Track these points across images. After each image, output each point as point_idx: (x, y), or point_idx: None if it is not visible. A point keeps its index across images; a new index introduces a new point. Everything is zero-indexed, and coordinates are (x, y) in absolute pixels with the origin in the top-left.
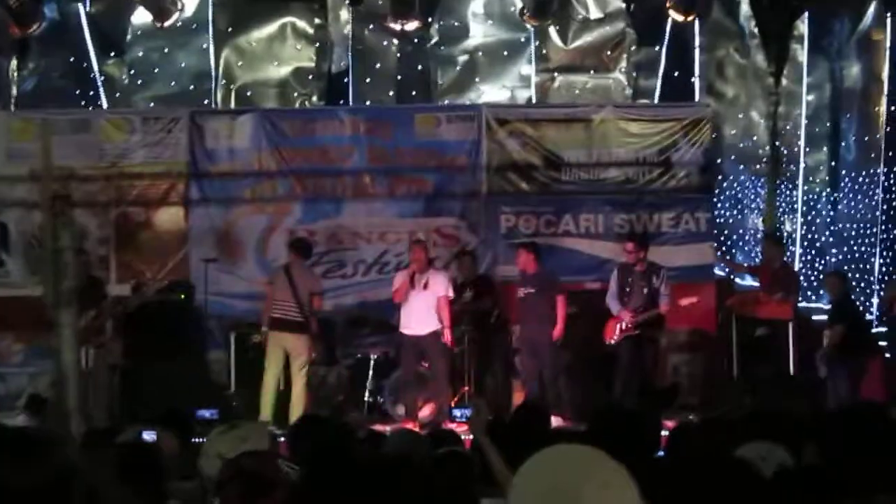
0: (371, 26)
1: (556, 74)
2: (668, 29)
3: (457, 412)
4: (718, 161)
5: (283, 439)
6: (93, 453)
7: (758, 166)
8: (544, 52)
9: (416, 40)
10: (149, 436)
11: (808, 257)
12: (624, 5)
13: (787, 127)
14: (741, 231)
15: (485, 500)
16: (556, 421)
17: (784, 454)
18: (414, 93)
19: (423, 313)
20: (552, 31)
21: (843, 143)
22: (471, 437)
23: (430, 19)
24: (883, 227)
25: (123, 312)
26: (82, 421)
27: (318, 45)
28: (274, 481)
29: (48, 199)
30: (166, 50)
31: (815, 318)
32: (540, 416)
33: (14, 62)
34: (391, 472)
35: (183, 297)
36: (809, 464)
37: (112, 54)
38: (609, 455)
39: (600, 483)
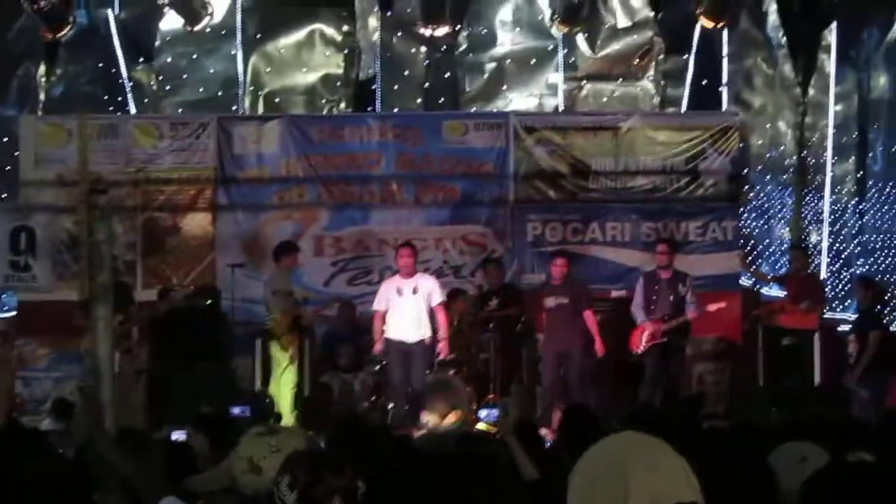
0: (399, 33)
1: (584, 82)
2: (696, 38)
3: (482, 412)
4: (745, 171)
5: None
6: (129, 448)
7: (784, 176)
8: (572, 60)
9: (444, 48)
10: (178, 435)
11: (835, 267)
12: (652, 14)
13: (815, 137)
14: (767, 241)
15: None
16: None
17: (825, 454)
18: (442, 100)
19: (411, 320)
20: (580, 39)
21: (870, 154)
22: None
23: (458, 27)
24: None
25: (150, 318)
26: (115, 417)
27: (346, 51)
28: (343, 466)
29: (85, 193)
30: (195, 56)
31: (840, 328)
32: (590, 418)
33: (43, 67)
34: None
35: (209, 302)
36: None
37: (141, 60)
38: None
39: (649, 465)
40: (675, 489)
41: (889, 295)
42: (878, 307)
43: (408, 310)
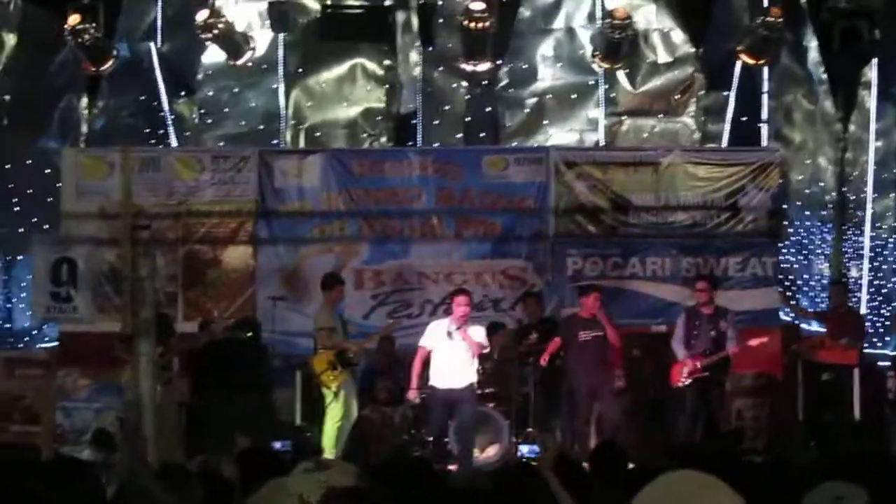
0: (441, 68)
1: (624, 118)
2: (736, 74)
3: (524, 448)
4: (785, 206)
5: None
6: (170, 483)
7: (824, 212)
8: (613, 95)
9: (484, 82)
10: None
11: (875, 303)
12: (693, 50)
13: (855, 173)
14: (807, 276)
15: None
16: None
17: (864, 494)
18: (482, 135)
19: (460, 366)
20: (621, 74)
21: None
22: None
23: (499, 62)
24: None
25: (190, 350)
26: (156, 450)
27: (387, 86)
28: None
29: (128, 227)
30: (236, 90)
31: (880, 363)
32: (619, 455)
33: (85, 100)
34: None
35: (250, 334)
36: None
37: (182, 93)
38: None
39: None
40: None
41: None
42: None
43: (457, 356)
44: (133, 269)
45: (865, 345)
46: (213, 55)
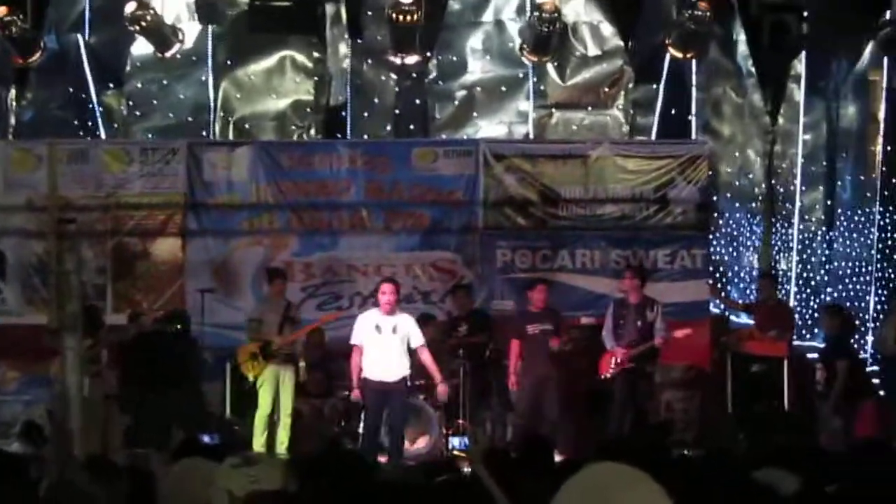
0: (370, 61)
1: (553, 111)
2: (665, 67)
3: (454, 441)
4: (714, 199)
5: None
6: (96, 475)
7: (754, 205)
8: (542, 88)
9: (414, 75)
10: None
11: (804, 296)
12: (622, 43)
13: (784, 166)
14: (736, 268)
15: None
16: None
17: (796, 481)
18: (412, 127)
19: (392, 359)
20: (550, 67)
21: (839, 183)
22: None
23: (428, 54)
24: (878, 267)
25: (119, 342)
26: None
27: (316, 78)
28: None
29: (54, 222)
30: (165, 82)
31: (809, 355)
32: (544, 448)
33: (13, 92)
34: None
35: (179, 327)
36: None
37: (111, 86)
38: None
39: (629, 487)
40: None
41: (858, 322)
42: (845, 335)
43: (388, 349)
44: (59, 262)
45: (794, 337)
46: (142, 47)
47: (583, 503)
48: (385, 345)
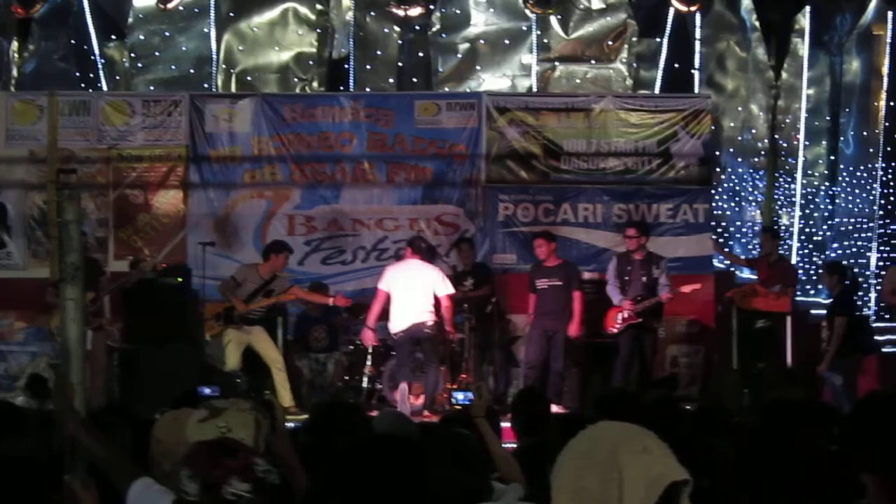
0: (372, 13)
1: (556, 64)
2: (669, 20)
3: (459, 395)
4: (717, 153)
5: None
6: (98, 430)
7: (756, 159)
8: (545, 41)
9: (417, 28)
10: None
11: (806, 251)
12: None
13: (787, 120)
14: (739, 223)
15: (496, 484)
16: (554, 409)
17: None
18: (415, 80)
19: (419, 310)
20: (554, 20)
21: (842, 138)
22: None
23: (431, 7)
24: (880, 223)
25: (121, 288)
26: (88, 396)
27: (319, 31)
28: (236, 448)
29: (54, 171)
30: (167, 34)
31: (813, 311)
32: (541, 401)
33: (15, 44)
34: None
35: (179, 280)
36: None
37: (113, 37)
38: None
39: (640, 448)
40: (668, 469)
41: (861, 278)
42: (846, 292)
43: (414, 301)
44: (59, 213)
45: (798, 293)
46: None
47: (590, 465)
48: (409, 295)
